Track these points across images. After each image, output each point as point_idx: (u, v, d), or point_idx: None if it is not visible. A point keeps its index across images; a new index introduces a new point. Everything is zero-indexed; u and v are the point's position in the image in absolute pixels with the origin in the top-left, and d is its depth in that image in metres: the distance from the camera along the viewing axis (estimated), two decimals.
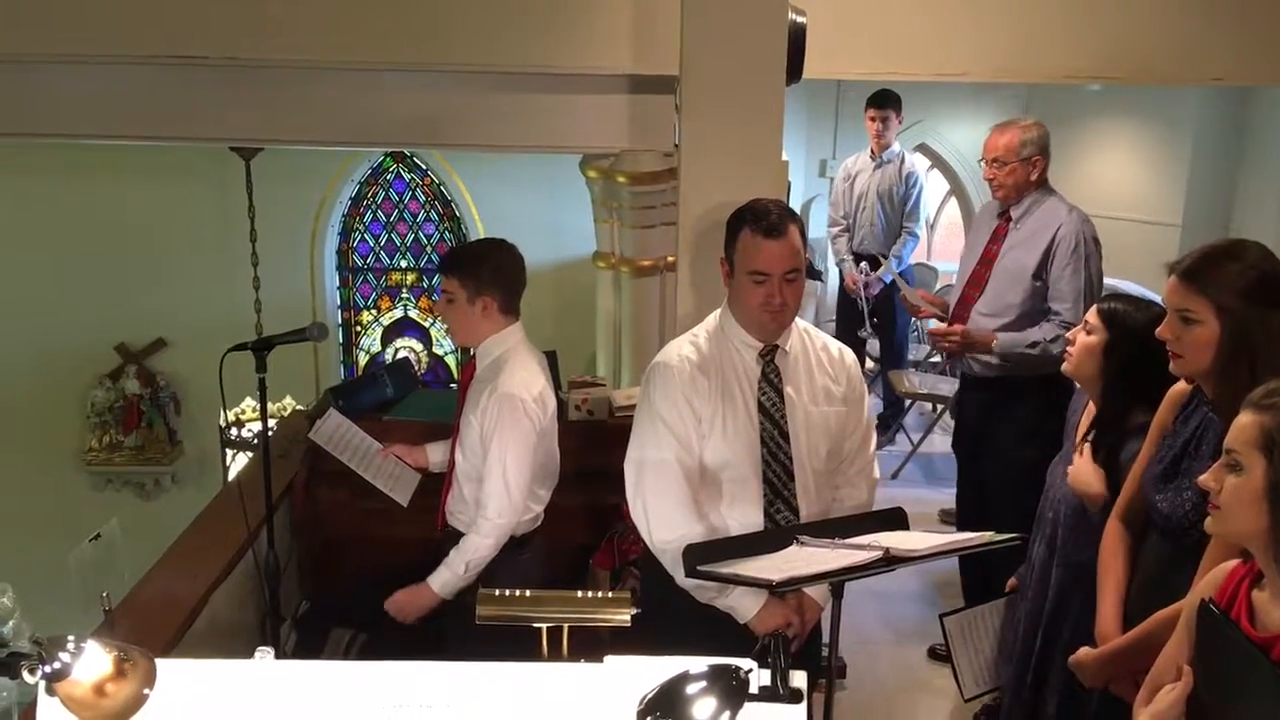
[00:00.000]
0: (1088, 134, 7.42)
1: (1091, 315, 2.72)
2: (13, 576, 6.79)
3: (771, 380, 2.71)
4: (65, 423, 8.04)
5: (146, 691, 1.87)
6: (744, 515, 2.70)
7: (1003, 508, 3.82)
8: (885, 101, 6.17)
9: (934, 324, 4.13)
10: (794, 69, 3.33)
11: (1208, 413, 2.28)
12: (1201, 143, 7.05)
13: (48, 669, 1.78)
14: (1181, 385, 2.38)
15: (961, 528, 4.11)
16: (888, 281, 6.21)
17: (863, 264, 6.22)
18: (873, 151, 6.31)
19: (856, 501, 2.80)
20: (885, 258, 6.11)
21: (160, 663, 1.96)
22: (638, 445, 2.75)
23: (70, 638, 1.81)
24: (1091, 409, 2.75)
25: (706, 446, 2.69)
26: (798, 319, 2.77)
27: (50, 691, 1.85)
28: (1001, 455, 3.86)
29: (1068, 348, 2.76)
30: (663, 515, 2.68)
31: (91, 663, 1.81)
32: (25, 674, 1.81)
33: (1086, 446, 2.73)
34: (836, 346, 2.84)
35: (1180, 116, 7.07)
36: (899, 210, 6.25)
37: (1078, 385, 2.92)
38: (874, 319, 6.23)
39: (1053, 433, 3.77)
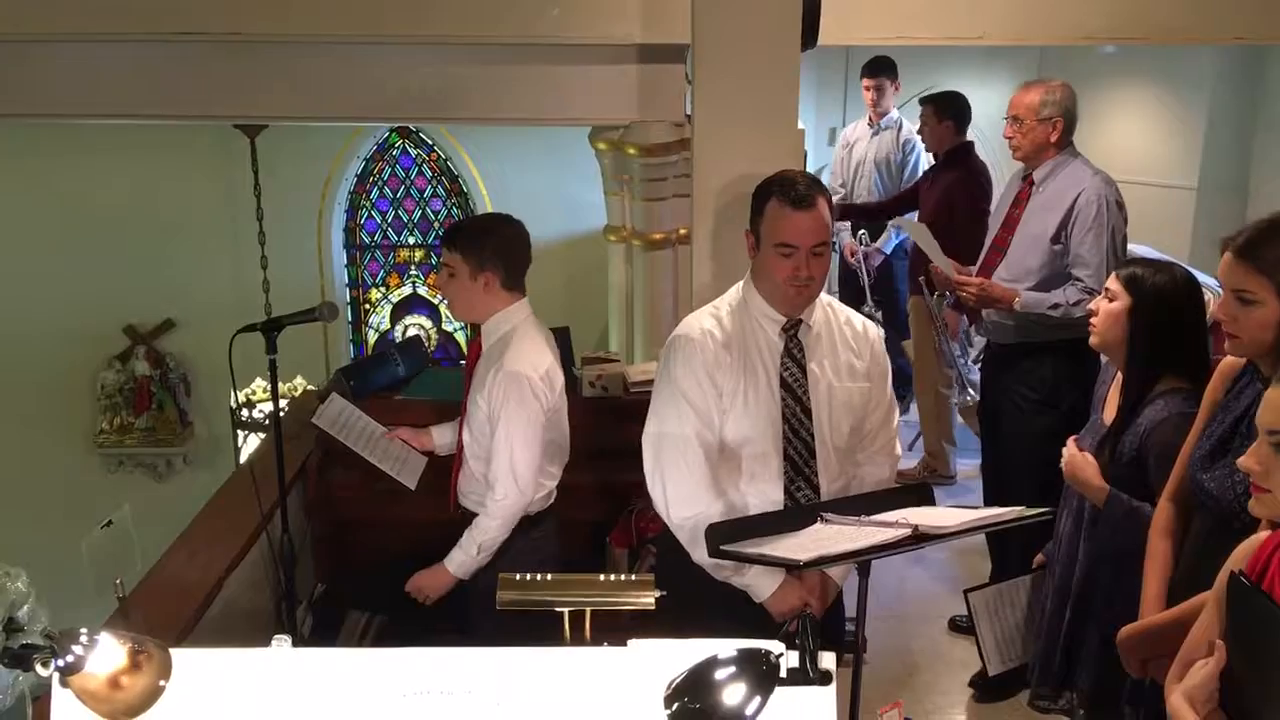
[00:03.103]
0: (1102, 97, 7.31)
1: (1112, 282, 2.66)
2: (27, 560, 6.80)
3: (794, 355, 2.66)
4: (76, 405, 8.03)
5: (162, 683, 1.84)
6: (764, 492, 2.66)
7: (1019, 475, 3.79)
8: (879, 69, 6.09)
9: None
10: (809, 34, 3.25)
11: (1262, 389, 2.20)
12: (1218, 104, 6.94)
13: (61, 662, 1.75)
14: (1233, 359, 2.31)
15: (986, 499, 4.07)
16: (888, 252, 6.14)
17: (861, 233, 6.15)
18: (870, 119, 6.24)
19: (878, 478, 2.76)
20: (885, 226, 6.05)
21: (175, 653, 1.93)
22: (657, 420, 2.70)
23: (83, 631, 1.77)
24: (1119, 381, 2.69)
25: (727, 422, 2.64)
26: (821, 293, 2.71)
27: (64, 684, 1.82)
28: (1018, 421, 3.82)
29: (1091, 319, 2.70)
30: (681, 492, 2.64)
31: (105, 655, 1.77)
32: (38, 667, 1.78)
33: (1070, 445, 2.68)
34: (860, 321, 2.78)
35: (1196, 78, 6.96)
36: (897, 178, 6.18)
37: (1104, 358, 2.86)
38: (874, 292, 6.15)
39: (1071, 400, 3.74)
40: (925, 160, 6.19)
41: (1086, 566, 2.65)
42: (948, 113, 5.32)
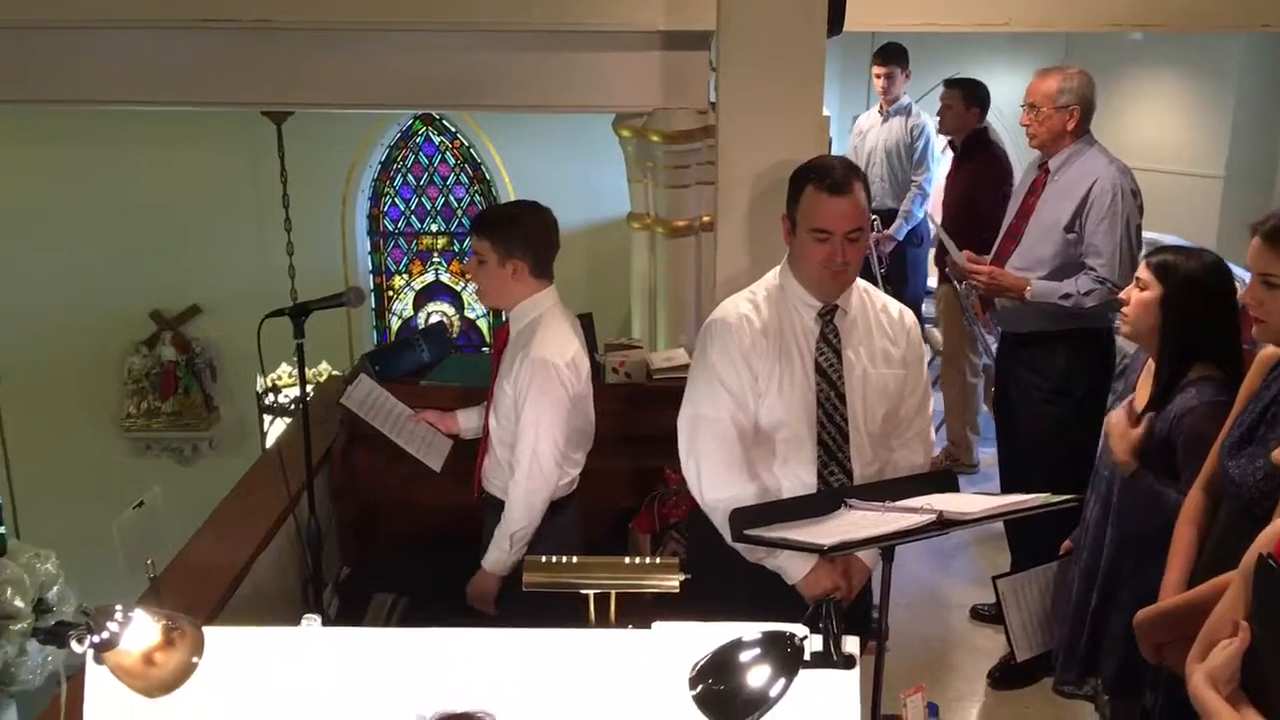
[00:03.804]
0: (1128, 85, 7.26)
1: (1143, 271, 2.65)
2: (56, 542, 6.92)
3: (830, 340, 2.67)
4: (104, 389, 8.11)
5: (195, 660, 1.87)
6: (797, 476, 2.67)
7: (1031, 464, 3.79)
8: (890, 57, 6.08)
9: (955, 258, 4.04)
10: (835, 20, 3.25)
11: None
12: (1245, 92, 6.87)
13: (96, 639, 1.78)
14: (1271, 349, 2.30)
15: (1003, 488, 4.07)
16: (900, 239, 6.12)
17: (873, 220, 6.12)
18: (881, 107, 6.23)
19: (912, 464, 2.76)
20: (896, 213, 6.03)
21: (207, 630, 1.96)
22: (692, 402, 2.72)
23: (118, 607, 1.80)
24: (1150, 368, 2.68)
25: (762, 405, 2.66)
26: (857, 279, 2.72)
27: (99, 661, 1.85)
28: (1031, 410, 3.81)
29: (1122, 308, 2.69)
30: (715, 474, 2.66)
31: (140, 632, 1.80)
32: (74, 644, 1.80)
33: (1120, 411, 2.68)
34: (897, 308, 2.79)
35: (1224, 66, 6.90)
36: (906, 164, 6.17)
37: (1130, 345, 2.85)
38: (887, 279, 6.13)
39: (1083, 389, 3.73)
40: (935, 147, 6.18)
41: (1113, 551, 2.65)
42: (976, 100, 5.30)
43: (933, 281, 6.20)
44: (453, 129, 8.18)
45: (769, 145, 3.21)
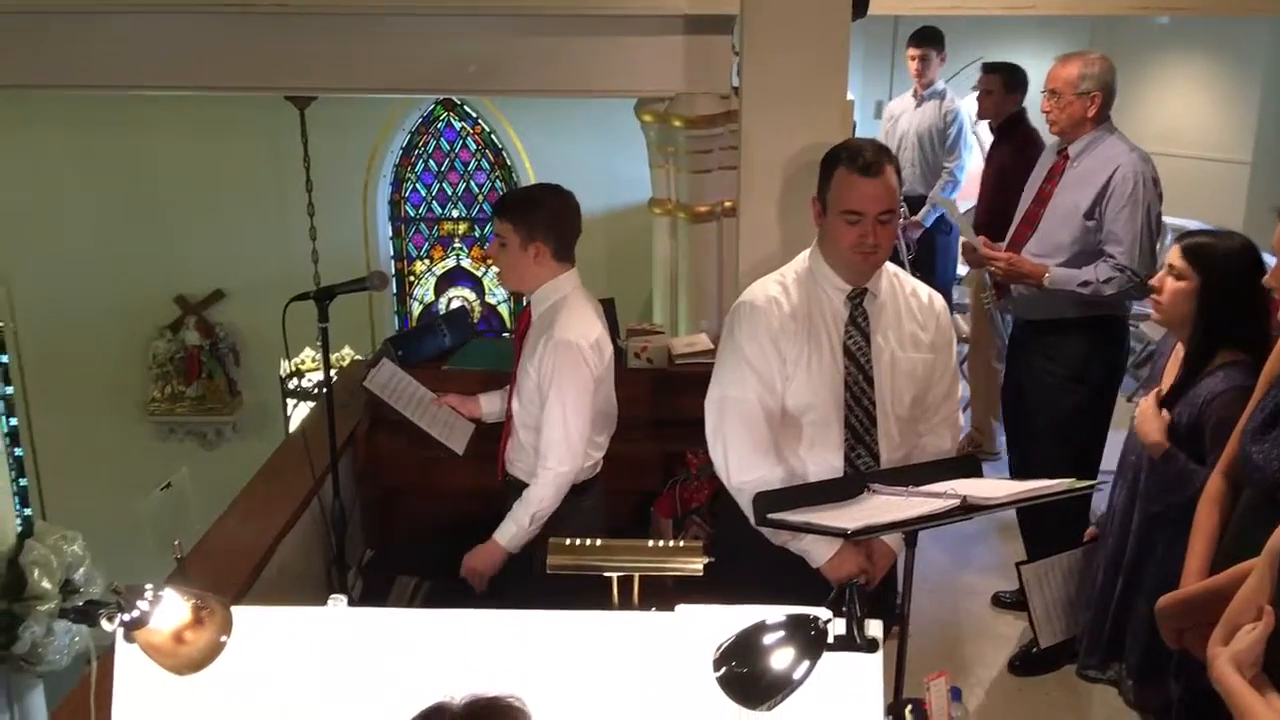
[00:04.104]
0: (1154, 69, 7.19)
1: (1176, 259, 2.63)
2: (82, 524, 6.95)
3: (859, 324, 2.67)
4: (129, 374, 8.16)
5: (224, 639, 1.89)
6: (824, 459, 2.68)
7: (1043, 451, 3.77)
8: (926, 39, 6.01)
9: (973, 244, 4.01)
10: (859, 3, 3.23)
11: None
12: (1272, 77, 6.79)
13: (126, 617, 1.81)
14: None
15: (1014, 475, 4.05)
16: (928, 225, 6.09)
17: (901, 207, 6.08)
18: (915, 91, 6.18)
19: (939, 449, 2.76)
20: (925, 199, 5.99)
21: (235, 610, 1.98)
22: (720, 384, 2.73)
23: (149, 586, 1.82)
24: (1179, 353, 2.67)
25: (789, 388, 2.66)
26: (886, 263, 2.72)
27: (129, 639, 1.87)
28: (1046, 398, 3.79)
29: (1154, 295, 2.67)
30: (742, 456, 2.66)
31: (170, 611, 1.83)
32: (104, 622, 1.83)
33: (1150, 397, 2.67)
34: (926, 292, 2.79)
35: (1251, 50, 6.82)
36: (939, 150, 6.11)
37: (1153, 331, 2.83)
38: (914, 266, 6.09)
39: (1099, 376, 3.72)
40: (968, 132, 6.13)
41: (1140, 536, 2.65)
42: (1016, 84, 5.25)
43: (963, 269, 6.18)
44: (474, 114, 8.18)
45: (793, 130, 3.20)
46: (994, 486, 2.28)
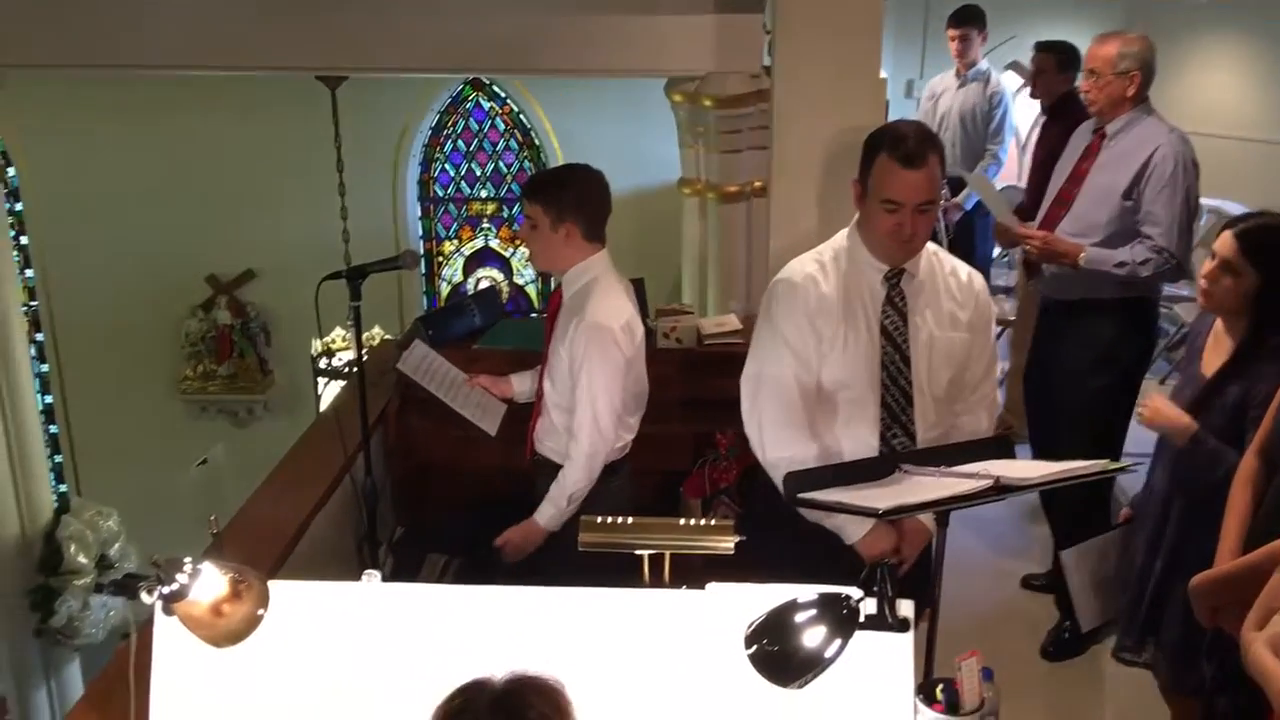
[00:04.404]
0: (1192, 49, 7.09)
1: (1232, 254, 2.56)
2: (116, 501, 7.07)
3: (896, 303, 2.66)
4: (162, 352, 8.25)
5: (261, 612, 1.91)
6: (859, 437, 2.68)
7: (1077, 434, 3.74)
8: (966, 18, 5.95)
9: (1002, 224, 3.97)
10: None
11: None
12: None
13: (165, 590, 1.83)
14: None
15: (1036, 456, 4.02)
16: (969, 208, 6.03)
17: (942, 189, 6.03)
18: (958, 70, 6.11)
19: (976, 429, 2.75)
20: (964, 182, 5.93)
21: (272, 584, 2.00)
22: (756, 361, 2.73)
23: (187, 559, 1.84)
24: (1217, 331, 2.64)
25: (825, 365, 2.66)
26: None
27: (168, 611, 1.89)
28: (1076, 379, 3.76)
29: (1202, 283, 2.63)
30: (777, 433, 2.67)
31: (208, 584, 1.85)
32: (143, 595, 1.86)
33: (1156, 387, 2.64)
34: (966, 271, 2.77)
35: None
36: (982, 131, 6.04)
37: (1186, 312, 2.81)
38: (954, 248, 6.04)
39: (1129, 359, 3.68)
40: (1013, 114, 6.06)
41: (1181, 518, 2.62)
42: (1069, 63, 5.18)
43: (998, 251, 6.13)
44: (503, 94, 8.19)
45: (825, 109, 3.19)
46: (1027, 467, 2.28)
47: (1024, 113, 7.06)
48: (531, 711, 1.48)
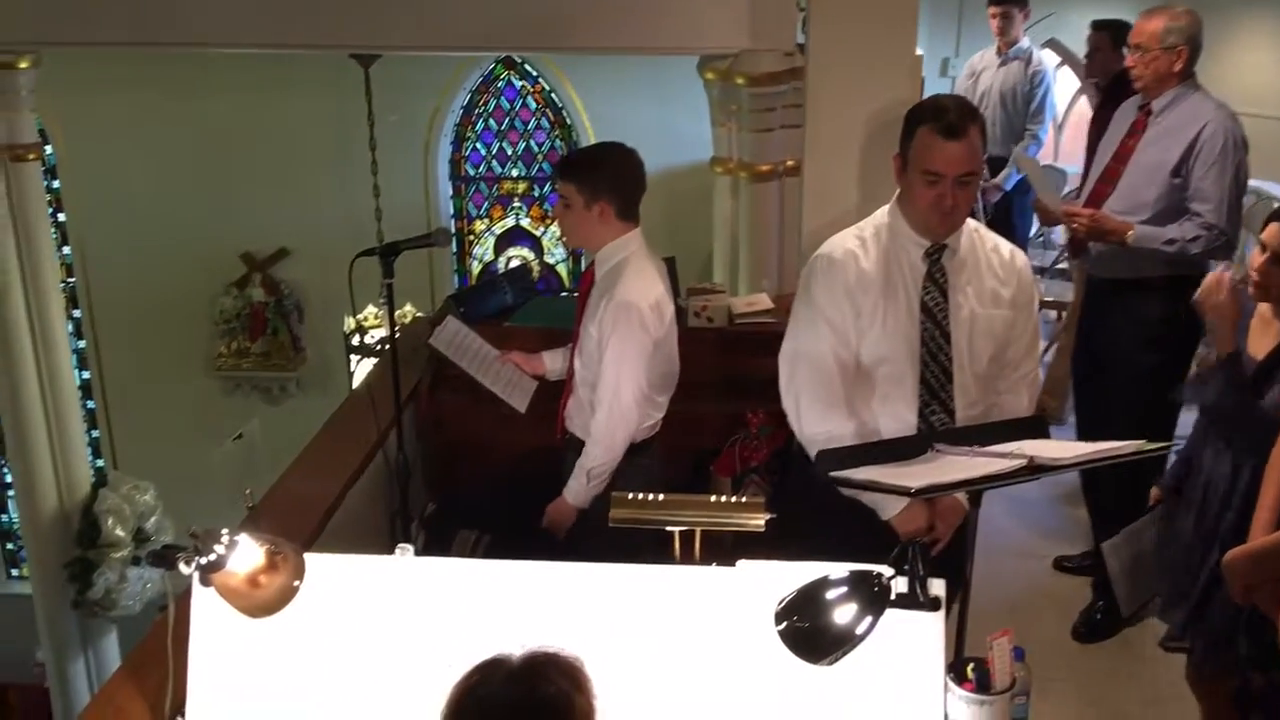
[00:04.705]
0: (1236, 27, 6.96)
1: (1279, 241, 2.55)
2: (152, 476, 7.16)
3: (936, 279, 2.65)
4: (196, 329, 8.32)
5: (296, 584, 1.94)
6: (898, 414, 2.67)
7: (1120, 415, 3.70)
8: None
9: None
10: None
11: None
12: None
13: (203, 560, 1.85)
14: None
15: (1080, 437, 4.00)
16: (1008, 189, 5.97)
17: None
18: (999, 48, 6.04)
19: (1016, 408, 2.73)
20: (1006, 161, 5.87)
21: (306, 557, 2.02)
22: (794, 337, 2.73)
23: (224, 531, 1.87)
24: (1263, 312, 2.60)
25: (864, 342, 2.66)
26: (967, 219, 2.68)
27: (204, 582, 1.92)
28: (1124, 359, 3.72)
29: (1254, 275, 2.60)
30: (814, 409, 2.67)
31: (244, 555, 1.87)
32: (181, 565, 1.88)
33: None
34: (1008, 248, 2.75)
35: None
36: (1022, 111, 5.97)
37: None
38: (992, 228, 5.98)
39: (1177, 338, 3.64)
40: (1055, 94, 5.99)
41: (1242, 502, 2.59)
42: (1123, 42, 5.10)
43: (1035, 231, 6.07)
44: (534, 73, 8.17)
45: (860, 87, 3.16)
46: (1062, 448, 2.26)
47: (1062, 89, 6.99)
48: (550, 686, 1.49)
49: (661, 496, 2.39)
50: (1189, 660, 2.81)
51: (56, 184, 8.04)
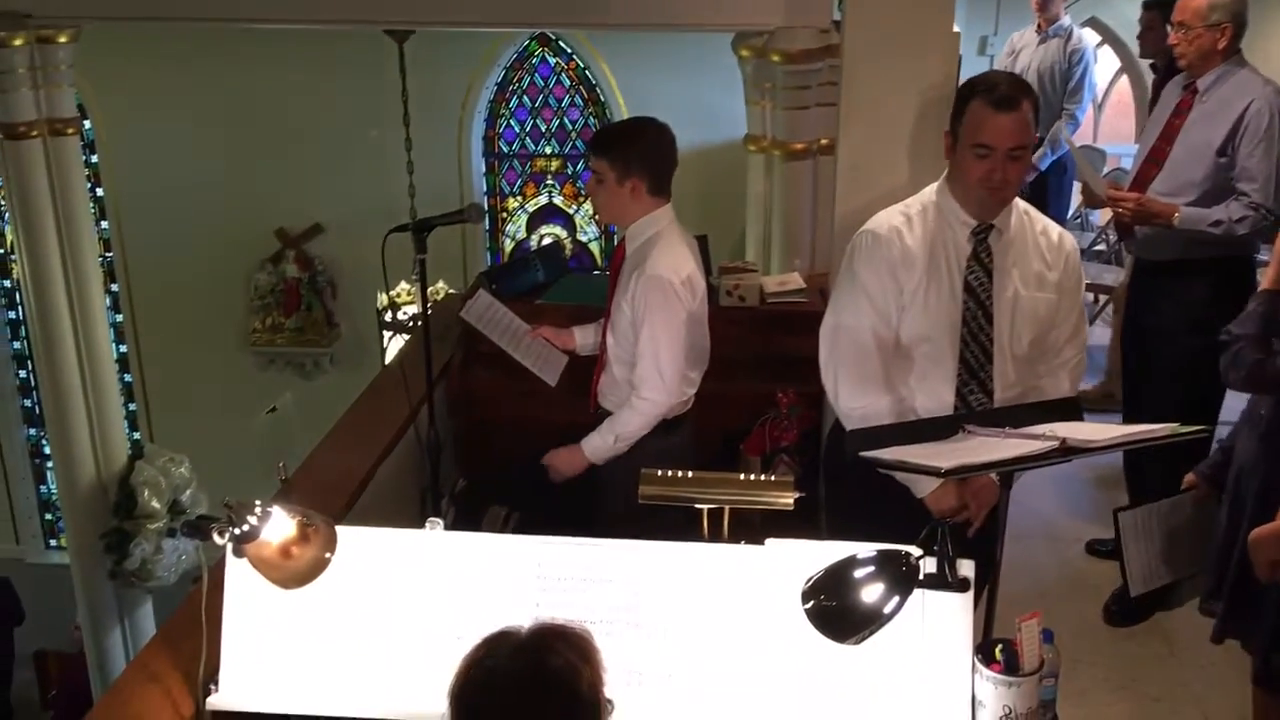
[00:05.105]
0: (1274, 6, 6.83)
1: None
2: (187, 449, 7.23)
3: (981, 259, 2.63)
4: (232, 305, 8.40)
5: (328, 555, 1.96)
6: (935, 392, 2.67)
7: (1160, 397, 3.67)
8: None
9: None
10: None
11: None
12: None
13: (237, 531, 1.88)
14: None
15: (1126, 420, 3.96)
16: (1043, 169, 5.90)
17: None
18: (1039, 26, 5.96)
19: (1057, 393, 2.71)
20: (1042, 141, 5.79)
21: (338, 529, 2.04)
22: (835, 310, 2.74)
23: (257, 503, 1.89)
24: None
25: (905, 319, 2.65)
26: (1017, 200, 2.67)
27: (238, 553, 1.95)
28: (1168, 341, 3.68)
29: None
30: (852, 383, 2.68)
31: (277, 526, 1.90)
32: (215, 535, 1.91)
33: None
34: (1057, 231, 2.73)
35: None
36: (1060, 90, 5.90)
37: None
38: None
39: (1226, 319, 3.58)
40: (1096, 72, 5.90)
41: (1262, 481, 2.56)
42: None
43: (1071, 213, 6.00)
44: (568, 50, 8.15)
45: (896, 64, 3.13)
46: (1095, 430, 2.24)
47: (1102, 68, 6.88)
48: (556, 658, 1.49)
49: (690, 474, 2.40)
50: (1253, 664, 2.77)
51: (95, 159, 8.12)
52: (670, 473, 2.39)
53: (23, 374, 8.76)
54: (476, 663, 1.51)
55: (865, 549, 1.87)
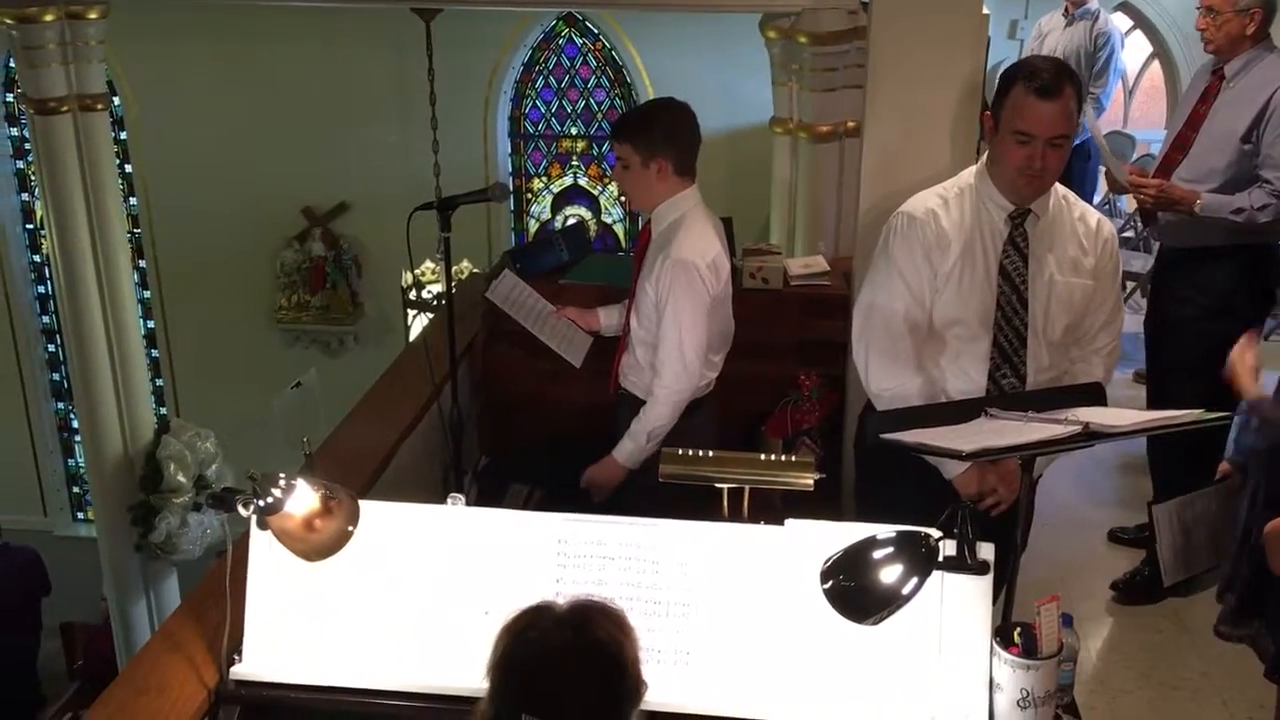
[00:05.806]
0: None
1: None
2: (213, 424, 7.29)
3: (1017, 244, 2.63)
4: (258, 282, 8.45)
5: (351, 529, 1.98)
6: (967, 374, 2.68)
7: (1183, 384, 3.64)
8: None
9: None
10: None
11: None
12: None
13: (261, 503, 1.90)
14: None
15: (1151, 407, 3.94)
16: None
17: None
18: (1066, 9, 5.91)
19: (1089, 379, 2.68)
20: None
21: (361, 504, 2.06)
22: (870, 290, 2.74)
23: (281, 475, 1.91)
24: None
25: (939, 301, 2.66)
26: (1056, 185, 2.65)
27: (262, 525, 1.97)
28: (1188, 327, 3.67)
29: None
30: (883, 363, 2.68)
31: (301, 499, 1.91)
32: (240, 508, 1.93)
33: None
34: (1095, 217, 2.71)
35: None
36: (1086, 72, 5.85)
37: None
38: None
39: (1247, 307, 3.56)
40: (1124, 57, 5.84)
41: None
42: None
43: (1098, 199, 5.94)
44: (595, 31, 8.13)
45: (924, 47, 3.10)
46: (1119, 415, 2.23)
47: (1132, 54, 6.80)
48: (600, 630, 1.50)
49: (711, 453, 2.40)
50: (1257, 650, 2.76)
51: (124, 135, 8.18)
52: (691, 452, 2.39)
53: (51, 348, 8.85)
54: (519, 634, 1.51)
55: (885, 530, 1.87)
